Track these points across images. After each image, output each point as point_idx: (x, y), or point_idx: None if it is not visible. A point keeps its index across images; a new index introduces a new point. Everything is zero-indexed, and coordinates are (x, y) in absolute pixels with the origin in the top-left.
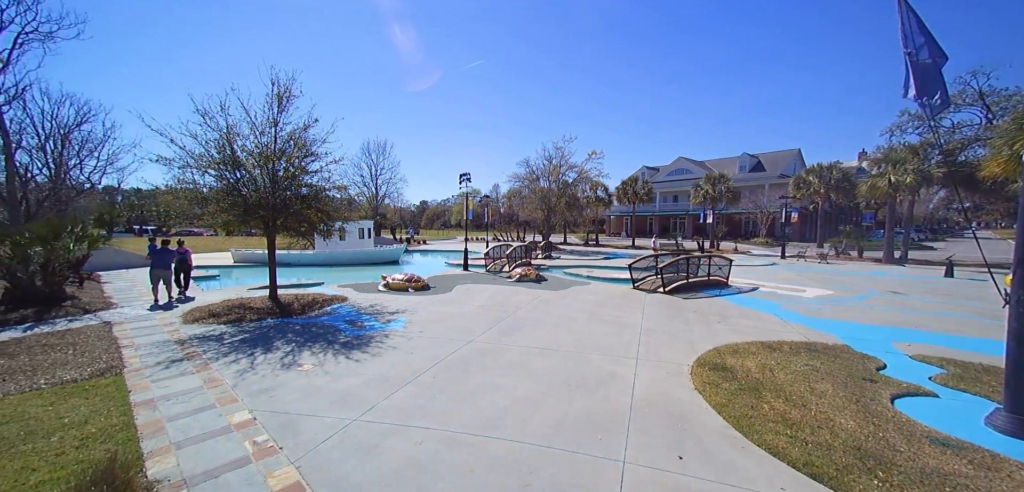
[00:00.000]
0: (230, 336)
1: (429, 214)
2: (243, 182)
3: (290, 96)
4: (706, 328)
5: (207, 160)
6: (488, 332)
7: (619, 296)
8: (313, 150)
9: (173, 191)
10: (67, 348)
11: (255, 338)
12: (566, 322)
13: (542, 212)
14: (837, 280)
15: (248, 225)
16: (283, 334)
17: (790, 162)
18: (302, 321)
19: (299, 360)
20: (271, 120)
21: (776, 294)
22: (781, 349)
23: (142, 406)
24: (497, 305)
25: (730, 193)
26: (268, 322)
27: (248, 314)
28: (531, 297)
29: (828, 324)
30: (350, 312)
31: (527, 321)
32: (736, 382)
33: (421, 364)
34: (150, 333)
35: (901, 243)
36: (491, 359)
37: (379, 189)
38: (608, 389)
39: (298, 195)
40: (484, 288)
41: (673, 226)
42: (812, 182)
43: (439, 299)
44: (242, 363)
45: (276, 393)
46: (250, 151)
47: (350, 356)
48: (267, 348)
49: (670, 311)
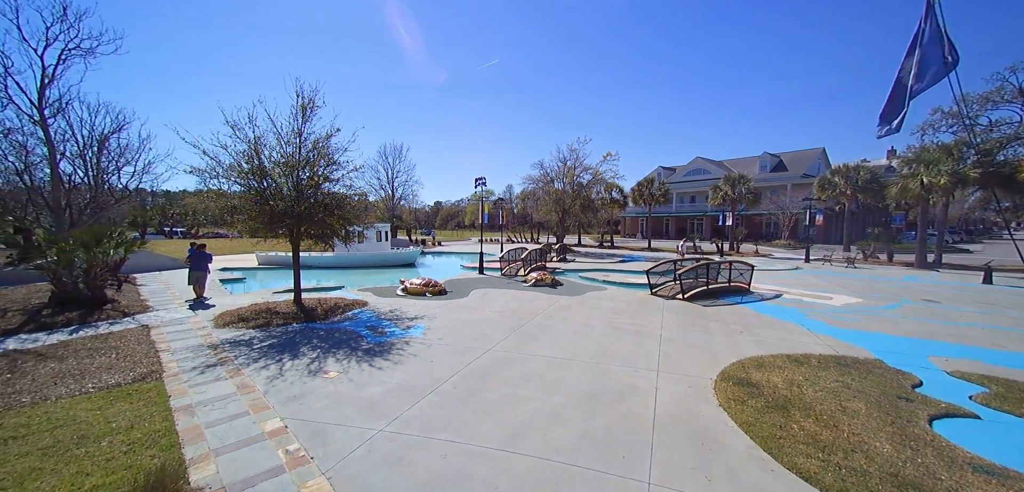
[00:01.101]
0: (259, 341)
1: (443, 214)
2: (270, 191)
3: (314, 107)
4: (728, 339)
5: (237, 170)
6: (506, 340)
7: (637, 302)
8: (335, 158)
9: (200, 194)
10: (110, 352)
11: (282, 344)
12: (584, 330)
13: (556, 214)
14: (866, 286)
15: (274, 232)
16: (308, 340)
17: (814, 161)
18: (325, 327)
19: (325, 367)
20: (296, 130)
21: (801, 302)
22: (809, 363)
23: (182, 412)
24: (513, 311)
25: (751, 194)
26: (293, 327)
27: (275, 319)
28: (547, 303)
29: (858, 336)
30: (371, 317)
31: (544, 329)
32: (762, 399)
33: (442, 373)
34: (185, 337)
35: (934, 246)
36: (510, 369)
37: (395, 191)
38: (630, 403)
39: (321, 202)
40: (500, 293)
41: (690, 227)
42: (838, 183)
43: (456, 305)
44: (271, 369)
45: (305, 401)
46: (276, 161)
47: (373, 364)
48: (294, 354)
49: (690, 319)
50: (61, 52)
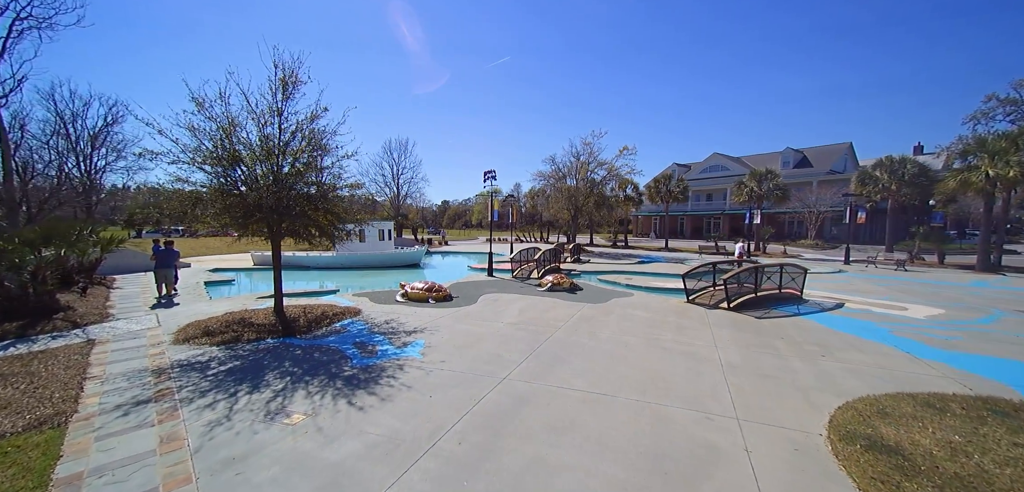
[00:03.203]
0: (217, 364)
1: (450, 213)
2: (244, 180)
3: (296, 82)
4: (810, 366)
5: (203, 154)
6: (525, 364)
7: (674, 313)
8: (322, 142)
9: (163, 190)
10: (24, 379)
11: (246, 367)
12: (619, 349)
13: (569, 212)
14: (936, 293)
15: (249, 228)
16: (280, 362)
17: (840, 157)
18: (305, 343)
19: (289, 406)
20: (275, 109)
21: (871, 312)
22: (950, 410)
23: (63, 486)
24: (530, 322)
25: (779, 191)
26: (267, 343)
27: (247, 332)
28: (568, 312)
29: (978, 362)
30: (362, 331)
31: (571, 348)
32: (924, 479)
33: (442, 417)
34: (130, 357)
35: (995, 246)
36: (534, 411)
37: (400, 189)
38: (717, 481)
39: (305, 194)
40: (513, 300)
41: (706, 226)
42: (879, 177)
43: (463, 314)
44: (219, 408)
45: (246, 465)
46: (250, 145)
47: (353, 400)
48: (255, 384)
49: (749, 337)
50: (12, 22)
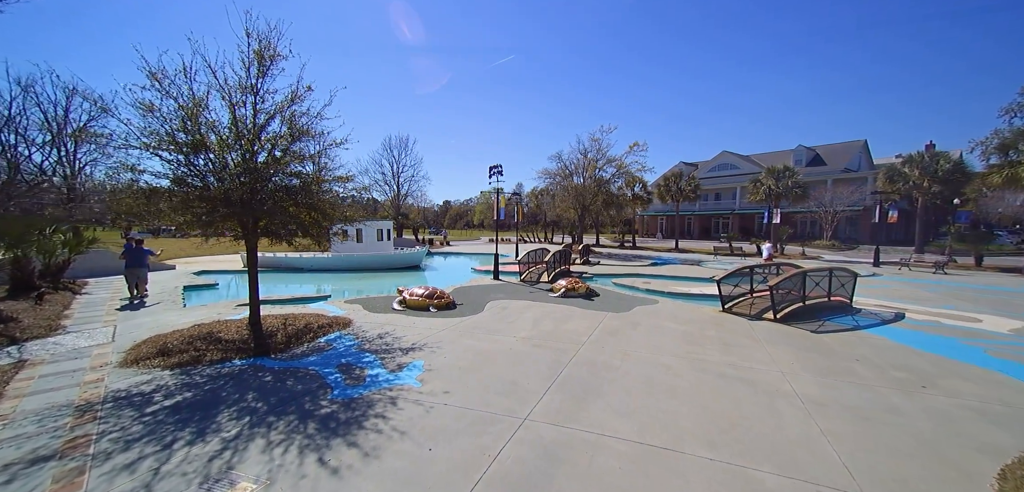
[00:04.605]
0: (163, 396)
1: (452, 213)
2: (212, 170)
3: (275, 56)
4: (913, 401)
5: (158, 137)
6: (548, 398)
7: (712, 324)
8: (304, 126)
9: (112, 183)
10: None
11: (197, 402)
12: (661, 374)
13: (575, 211)
14: (1006, 302)
15: (216, 227)
16: (242, 392)
17: (855, 155)
18: (280, 364)
19: (239, 467)
20: (248, 86)
21: (941, 325)
22: None
23: None
24: (547, 337)
25: (798, 189)
26: (233, 365)
27: (211, 351)
28: (589, 324)
29: None
30: (350, 347)
31: (601, 371)
32: None
33: (446, 485)
34: (60, 385)
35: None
36: (571, 479)
37: (400, 187)
38: None
39: (284, 187)
40: (524, 307)
41: (715, 227)
42: (910, 174)
43: (469, 326)
44: (140, 472)
45: None
46: (215, 126)
47: (326, 456)
48: (202, 429)
49: (815, 358)
50: None
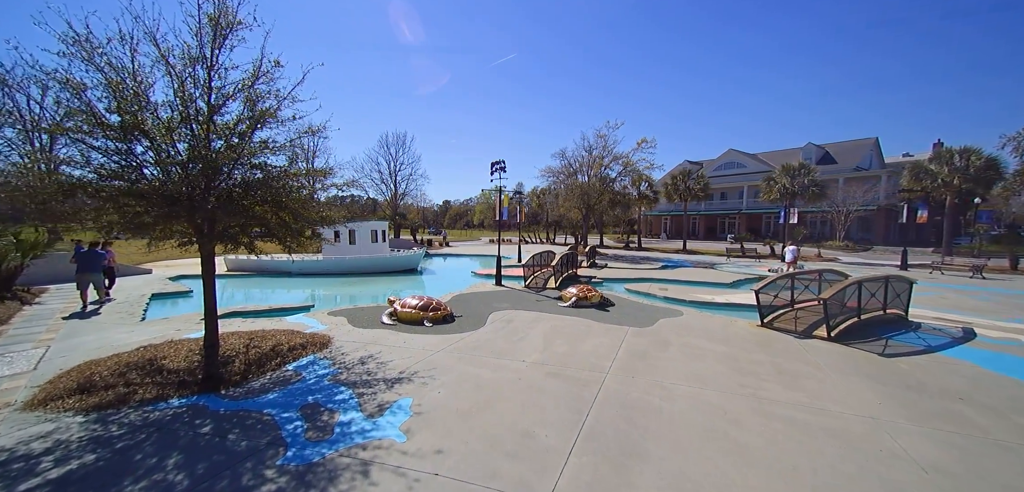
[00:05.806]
0: (50, 464)
1: (452, 213)
2: (154, 160)
3: (233, 24)
4: None
5: (73, 116)
6: (575, 461)
7: (755, 343)
8: (269, 108)
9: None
10: None
11: (96, 470)
12: (720, 423)
13: (580, 211)
14: None
15: (158, 230)
16: (163, 456)
17: (866, 154)
18: (227, 407)
19: None
20: (199, 57)
21: (1021, 342)
22: None
23: None
24: (562, 361)
25: (815, 187)
26: (166, 408)
27: (146, 386)
28: (610, 341)
29: None
30: (322, 378)
31: (637, 415)
32: None
33: None
34: None
35: None
36: None
37: (398, 186)
38: None
39: (244, 181)
40: (532, 321)
41: (721, 227)
42: (938, 171)
43: (469, 345)
44: None
45: None
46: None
47: None
48: None
49: (901, 393)
50: None
